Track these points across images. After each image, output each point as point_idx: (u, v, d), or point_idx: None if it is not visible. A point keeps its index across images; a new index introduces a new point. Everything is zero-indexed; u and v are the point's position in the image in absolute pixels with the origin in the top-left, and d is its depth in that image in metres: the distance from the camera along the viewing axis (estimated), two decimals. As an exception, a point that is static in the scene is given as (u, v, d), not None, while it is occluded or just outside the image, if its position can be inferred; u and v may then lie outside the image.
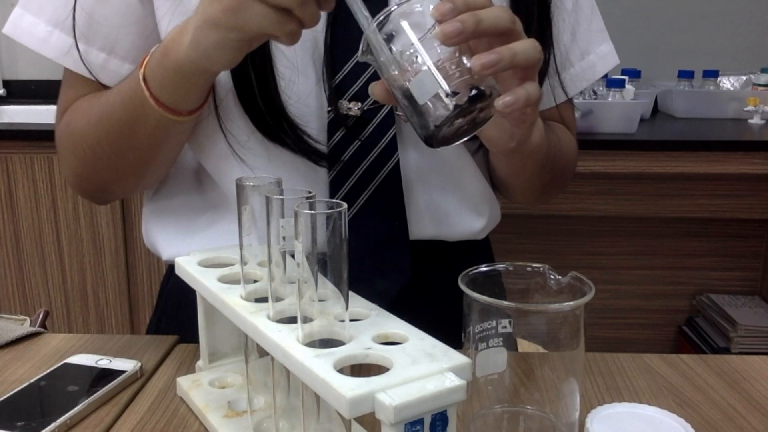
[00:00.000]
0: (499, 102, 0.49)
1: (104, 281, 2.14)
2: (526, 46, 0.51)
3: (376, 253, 0.70)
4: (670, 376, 0.64)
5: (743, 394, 0.61)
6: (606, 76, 1.77)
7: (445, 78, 0.49)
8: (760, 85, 2.04)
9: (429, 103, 0.49)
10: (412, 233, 0.72)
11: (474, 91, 0.49)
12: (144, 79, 0.60)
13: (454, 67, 0.49)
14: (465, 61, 0.50)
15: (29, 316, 0.75)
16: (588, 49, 0.80)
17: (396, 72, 0.50)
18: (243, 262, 0.52)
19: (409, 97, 0.50)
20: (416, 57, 0.49)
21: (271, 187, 0.50)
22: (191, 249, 0.70)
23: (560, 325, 0.49)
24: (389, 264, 0.70)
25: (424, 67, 0.49)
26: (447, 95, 0.49)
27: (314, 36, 0.67)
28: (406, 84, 0.50)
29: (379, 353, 0.42)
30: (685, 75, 2.09)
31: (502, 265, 0.54)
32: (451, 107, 0.49)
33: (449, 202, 0.74)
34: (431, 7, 0.49)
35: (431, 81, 0.49)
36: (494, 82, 0.51)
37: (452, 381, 0.39)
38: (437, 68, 0.49)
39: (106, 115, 0.66)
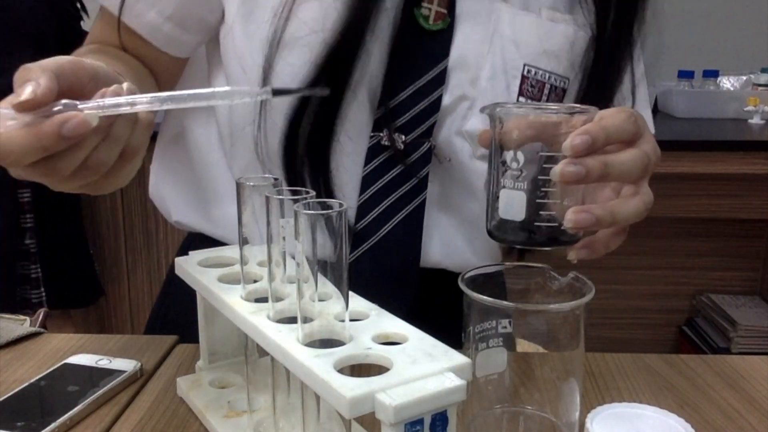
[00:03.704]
0: (575, 254, 0.49)
1: (104, 281, 2.14)
2: (631, 209, 0.49)
3: (386, 282, 0.69)
4: (670, 376, 0.64)
5: (743, 394, 0.61)
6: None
7: (534, 212, 0.48)
8: (760, 85, 2.04)
9: (506, 221, 0.49)
10: (422, 261, 0.71)
11: (549, 236, 0.49)
12: None
13: (549, 207, 0.48)
14: (566, 203, 0.48)
15: (29, 316, 0.75)
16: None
17: (498, 169, 0.49)
18: (243, 262, 0.52)
19: (495, 194, 0.50)
20: (522, 174, 0.48)
21: (271, 187, 0.49)
22: (206, 219, 0.72)
23: (560, 325, 0.49)
24: (396, 294, 0.70)
25: (521, 192, 0.48)
26: (527, 230, 0.48)
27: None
28: (500, 187, 0.49)
29: (379, 353, 0.42)
30: (685, 75, 2.09)
31: (502, 265, 0.54)
32: (520, 239, 0.49)
33: (463, 243, 0.74)
34: (570, 136, 0.47)
35: (519, 208, 0.48)
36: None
37: (452, 381, 0.39)
38: (533, 199, 0.48)
39: None
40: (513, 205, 0.48)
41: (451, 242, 0.73)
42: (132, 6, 0.69)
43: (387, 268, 0.69)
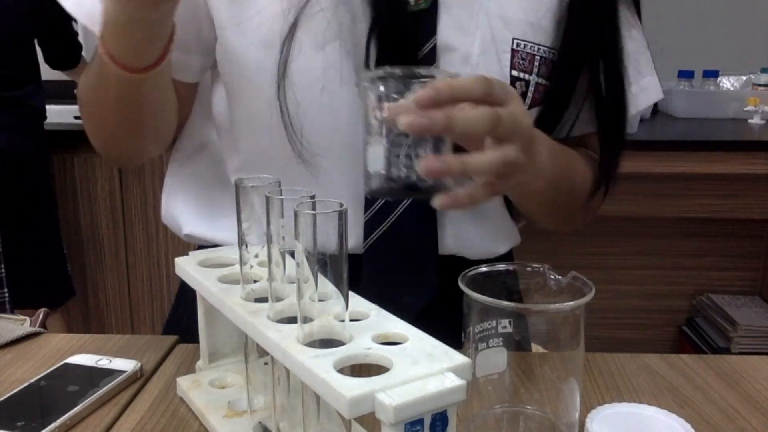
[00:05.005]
0: (436, 201, 0.51)
1: (104, 281, 2.14)
2: (485, 160, 0.51)
3: (406, 267, 0.70)
4: (670, 376, 0.64)
5: (743, 394, 0.61)
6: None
7: (393, 161, 0.51)
8: (760, 85, 2.04)
9: (371, 173, 0.52)
10: (439, 249, 0.72)
11: (407, 186, 0.52)
12: (102, 37, 0.62)
13: (408, 155, 0.51)
14: (425, 151, 0.52)
15: (29, 316, 0.75)
16: (631, 80, 0.77)
17: (369, 124, 0.53)
18: (243, 262, 0.52)
19: (365, 152, 0.53)
20: (380, 126, 0.52)
21: (271, 187, 0.50)
22: (214, 228, 0.72)
23: (560, 325, 0.49)
24: (417, 279, 0.71)
25: (381, 146, 0.52)
26: (388, 179, 0.51)
27: (358, 42, 0.67)
28: (367, 144, 0.53)
29: (379, 353, 0.42)
30: (685, 75, 2.09)
31: (502, 265, 0.54)
32: (384, 187, 0.52)
33: (477, 223, 0.75)
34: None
35: (380, 159, 0.52)
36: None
37: (452, 381, 0.39)
38: (393, 149, 0.51)
39: (90, 75, 0.69)
40: (376, 158, 0.52)
41: (462, 228, 0.74)
42: None
43: (404, 253, 0.70)
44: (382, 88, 0.52)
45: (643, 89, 0.80)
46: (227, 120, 0.73)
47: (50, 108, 2.01)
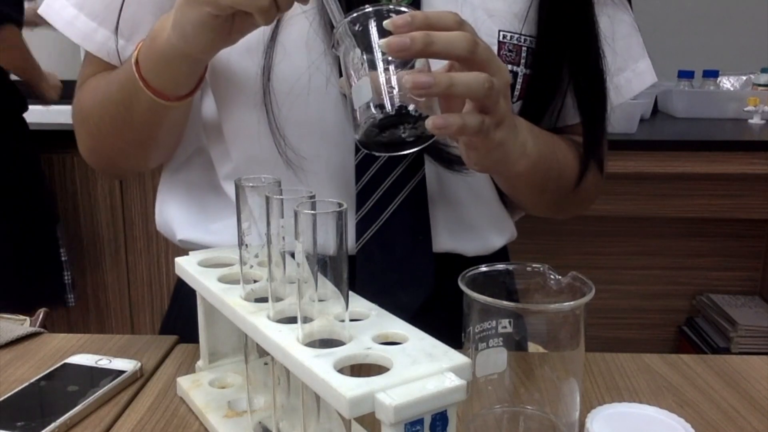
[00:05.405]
0: (429, 122, 0.50)
1: (104, 281, 2.14)
2: (470, 79, 0.50)
3: (401, 266, 0.70)
4: (670, 376, 0.64)
5: (743, 394, 0.61)
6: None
7: (379, 90, 0.50)
8: (760, 85, 2.04)
9: (359, 110, 0.51)
10: (434, 247, 0.72)
11: (396, 109, 0.50)
12: (137, 63, 0.62)
13: (394, 81, 0.50)
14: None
15: (29, 316, 0.75)
16: (624, 66, 0.78)
17: (351, 72, 0.52)
18: (243, 262, 0.52)
19: (350, 101, 0.52)
20: (363, 63, 0.51)
21: (271, 187, 0.50)
22: (207, 232, 0.72)
23: (560, 325, 0.49)
24: (413, 277, 0.70)
25: (366, 77, 0.50)
26: (376, 106, 0.50)
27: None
28: (350, 86, 0.52)
29: (379, 353, 0.42)
30: (685, 75, 2.09)
31: (502, 265, 0.54)
32: (375, 119, 0.50)
33: (471, 217, 0.74)
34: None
35: (366, 89, 0.50)
36: (434, 103, 0.52)
37: (452, 381, 0.39)
38: (379, 79, 0.50)
39: (107, 95, 0.68)
40: (361, 91, 0.51)
41: (455, 224, 0.73)
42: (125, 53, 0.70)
43: (398, 253, 0.69)
44: (357, 26, 0.51)
45: (638, 74, 0.79)
46: (217, 128, 0.73)
47: (50, 108, 2.01)
